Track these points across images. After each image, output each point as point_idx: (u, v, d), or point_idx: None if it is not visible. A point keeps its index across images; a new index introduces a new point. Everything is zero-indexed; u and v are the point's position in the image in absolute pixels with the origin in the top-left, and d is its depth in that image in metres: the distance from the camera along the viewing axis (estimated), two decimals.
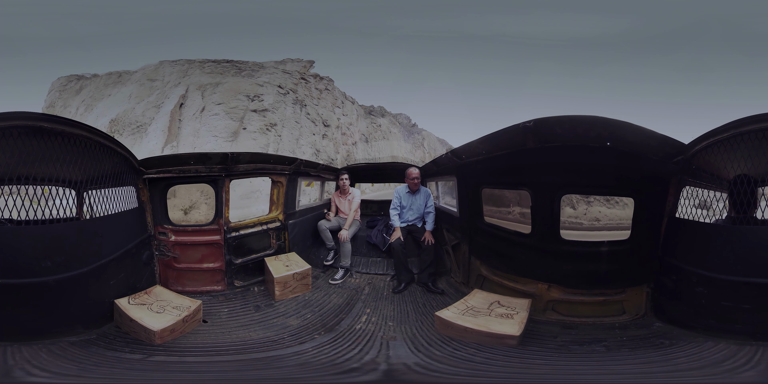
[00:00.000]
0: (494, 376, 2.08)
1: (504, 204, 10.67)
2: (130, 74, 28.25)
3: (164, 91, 25.14)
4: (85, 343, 2.32)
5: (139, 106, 24.38)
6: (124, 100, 25.40)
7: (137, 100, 25.06)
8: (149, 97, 24.95)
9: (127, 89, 26.30)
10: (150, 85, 26.00)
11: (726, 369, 1.87)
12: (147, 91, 25.63)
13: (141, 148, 20.98)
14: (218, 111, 23.17)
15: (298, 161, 4.38)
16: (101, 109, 25.74)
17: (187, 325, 2.73)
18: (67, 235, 2.40)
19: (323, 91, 29.88)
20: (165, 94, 24.79)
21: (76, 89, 29.75)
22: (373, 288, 3.97)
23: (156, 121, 23.05)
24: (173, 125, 22.83)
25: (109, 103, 25.97)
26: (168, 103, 23.89)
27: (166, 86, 25.57)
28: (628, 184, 2.65)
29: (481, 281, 3.43)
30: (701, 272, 2.28)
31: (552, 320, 2.84)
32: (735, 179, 2.30)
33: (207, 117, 23.07)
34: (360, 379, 2.10)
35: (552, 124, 2.36)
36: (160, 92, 25.23)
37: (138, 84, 26.42)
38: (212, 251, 3.67)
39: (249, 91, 24.40)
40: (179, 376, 2.12)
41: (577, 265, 2.79)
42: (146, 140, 22.28)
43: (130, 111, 24.16)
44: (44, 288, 2.21)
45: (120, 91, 26.59)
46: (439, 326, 2.72)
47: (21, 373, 1.83)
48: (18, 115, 2.11)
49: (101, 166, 2.71)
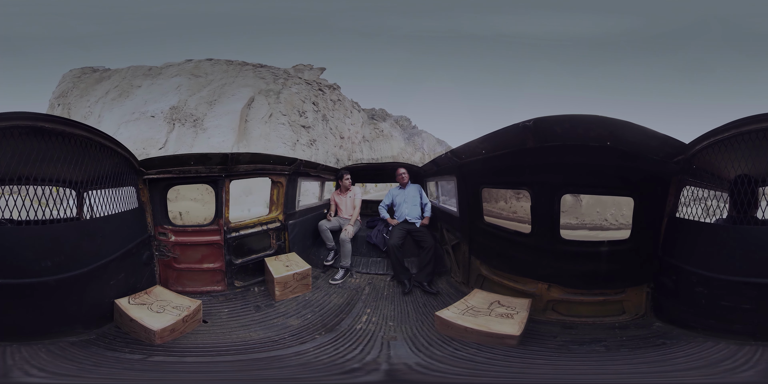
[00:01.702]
0: (495, 375, 2.08)
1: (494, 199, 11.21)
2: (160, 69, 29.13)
3: (215, 89, 26.29)
4: (84, 343, 2.31)
5: (191, 100, 25.53)
6: (170, 90, 26.36)
7: (188, 92, 26.12)
8: (200, 92, 26.01)
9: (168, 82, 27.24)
10: (195, 80, 27.08)
11: (725, 369, 1.87)
12: (196, 85, 26.66)
13: (202, 144, 22.42)
14: (284, 121, 25.94)
15: (298, 161, 4.38)
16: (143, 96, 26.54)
17: (187, 325, 2.72)
18: (67, 235, 2.39)
19: (336, 102, 32.02)
20: (216, 92, 26.02)
21: (95, 79, 30.34)
22: (374, 288, 3.97)
23: (213, 118, 24.40)
24: (242, 125, 24.48)
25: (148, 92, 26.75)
26: (228, 102, 25.38)
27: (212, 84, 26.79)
28: (628, 184, 2.65)
29: (481, 281, 3.44)
30: (701, 272, 2.28)
31: (552, 320, 2.84)
32: (736, 179, 2.30)
33: (275, 124, 25.58)
34: (362, 379, 2.09)
35: (552, 123, 2.36)
36: (210, 89, 26.30)
37: (185, 77, 27.48)
38: (212, 251, 3.67)
39: (299, 107, 27.44)
40: (179, 377, 2.12)
41: (577, 264, 2.79)
42: (206, 136, 23.58)
43: (184, 103, 25.29)
44: (44, 288, 2.21)
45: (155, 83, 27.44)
46: (439, 326, 2.73)
47: (20, 373, 1.83)
48: (18, 115, 2.10)
49: (101, 167, 2.71)
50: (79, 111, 27.69)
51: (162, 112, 24.45)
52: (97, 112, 26.75)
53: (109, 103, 26.60)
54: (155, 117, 24.29)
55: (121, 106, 25.98)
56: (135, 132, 23.63)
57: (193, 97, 25.61)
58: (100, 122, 24.87)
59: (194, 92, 26.03)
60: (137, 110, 25.07)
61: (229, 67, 28.59)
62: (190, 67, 28.36)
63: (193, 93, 25.97)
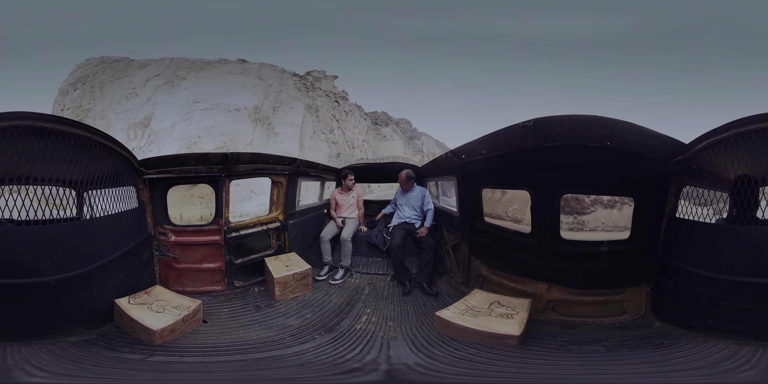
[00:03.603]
0: (495, 375, 2.08)
1: None
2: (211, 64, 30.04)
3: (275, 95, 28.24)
4: (84, 343, 2.31)
5: (266, 102, 27.26)
6: (243, 89, 27.64)
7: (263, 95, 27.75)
8: (268, 97, 27.71)
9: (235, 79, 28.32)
10: (256, 82, 28.46)
11: (726, 369, 1.87)
12: (264, 89, 28.18)
13: (276, 148, 23.99)
14: (323, 138, 28.74)
15: (298, 161, 4.38)
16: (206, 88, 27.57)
17: (187, 325, 2.72)
18: (67, 235, 2.39)
19: (348, 113, 34.32)
20: (277, 99, 28.10)
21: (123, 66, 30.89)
22: (374, 288, 3.97)
23: (280, 125, 26.69)
24: (301, 138, 27.13)
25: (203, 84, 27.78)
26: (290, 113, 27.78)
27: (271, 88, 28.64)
28: (628, 184, 2.65)
29: (481, 281, 3.43)
30: (701, 272, 2.28)
31: (552, 320, 2.84)
32: (736, 179, 2.30)
33: (317, 140, 28.30)
34: (361, 379, 2.09)
35: (552, 123, 2.36)
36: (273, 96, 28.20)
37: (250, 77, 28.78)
38: (212, 251, 3.67)
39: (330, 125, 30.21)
40: (179, 377, 2.12)
41: (577, 264, 2.79)
42: (278, 140, 25.69)
43: (261, 103, 27.04)
44: (44, 288, 2.21)
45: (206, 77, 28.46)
46: (439, 326, 2.73)
47: (20, 373, 1.83)
48: (18, 115, 2.10)
49: (101, 166, 2.71)
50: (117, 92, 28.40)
51: (246, 108, 25.83)
52: (145, 94, 27.52)
53: (162, 88, 27.66)
54: (239, 111, 25.48)
55: (175, 93, 27.01)
56: (212, 122, 24.77)
57: (266, 100, 27.32)
58: (155, 105, 26.12)
59: (266, 95, 27.67)
60: (205, 100, 26.06)
61: (282, 75, 30.17)
62: (254, 68, 29.62)
63: (266, 96, 27.62)
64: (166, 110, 25.65)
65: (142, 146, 24.66)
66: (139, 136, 25.24)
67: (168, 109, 25.66)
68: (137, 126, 25.58)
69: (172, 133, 24.43)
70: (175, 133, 24.38)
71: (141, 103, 26.68)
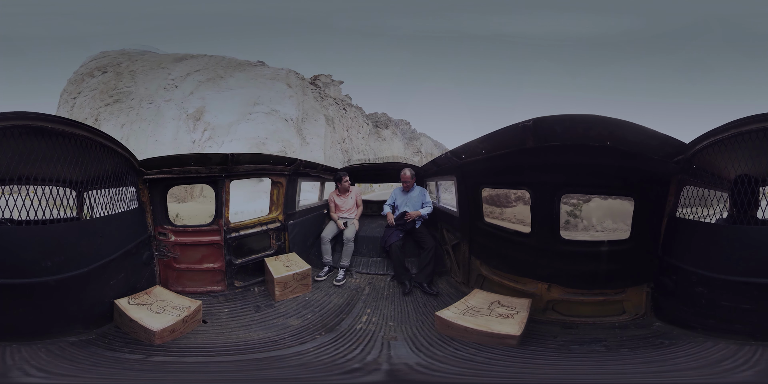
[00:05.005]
0: (495, 375, 2.08)
1: None
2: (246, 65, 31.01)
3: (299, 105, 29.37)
4: (84, 343, 2.31)
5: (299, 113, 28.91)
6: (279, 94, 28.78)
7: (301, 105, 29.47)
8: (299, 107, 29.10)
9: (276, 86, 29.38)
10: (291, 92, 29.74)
11: (725, 369, 1.87)
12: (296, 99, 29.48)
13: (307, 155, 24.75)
14: (339, 148, 30.50)
15: (298, 162, 4.39)
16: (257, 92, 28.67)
17: (187, 325, 2.72)
18: (67, 236, 2.39)
19: (353, 119, 35.65)
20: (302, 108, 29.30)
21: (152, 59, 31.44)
22: (374, 288, 3.97)
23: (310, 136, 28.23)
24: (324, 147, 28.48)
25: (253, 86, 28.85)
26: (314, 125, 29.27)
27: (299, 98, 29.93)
28: (629, 184, 2.65)
29: (481, 281, 3.43)
30: (701, 272, 2.28)
31: (552, 320, 2.84)
32: (736, 179, 2.30)
33: (335, 149, 30.02)
34: (363, 379, 2.09)
35: (551, 123, 2.36)
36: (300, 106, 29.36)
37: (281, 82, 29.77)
38: (212, 252, 3.67)
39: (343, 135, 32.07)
40: (179, 377, 2.12)
41: (577, 264, 2.79)
42: (309, 149, 27.18)
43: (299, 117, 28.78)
44: (44, 288, 2.20)
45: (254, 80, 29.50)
46: (439, 326, 2.72)
47: (19, 373, 1.83)
48: (18, 115, 2.10)
49: (102, 167, 2.71)
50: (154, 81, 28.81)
51: (293, 119, 27.45)
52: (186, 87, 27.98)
53: (206, 83, 28.39)
54: (288, 122, 26.98)
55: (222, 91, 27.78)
56: (274, 127, 26.03)
57: (300, 111, 28.60)
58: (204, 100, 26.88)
59: (298, 104, 28.90)
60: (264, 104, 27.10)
61: (302, 82, 31.27)
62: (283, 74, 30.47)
63: (299, 105, 28.87)
64: (218, 107, 26.33)
65: (197, 140, 25.21)
66: (191, 128, 25.79)
67: (221, 106, 26.34)
68: (190, 118, 26.16)
69: (231, 131, 25.15)
70: (239, 131, 25.10)
71: (183, 95, 27.32)
